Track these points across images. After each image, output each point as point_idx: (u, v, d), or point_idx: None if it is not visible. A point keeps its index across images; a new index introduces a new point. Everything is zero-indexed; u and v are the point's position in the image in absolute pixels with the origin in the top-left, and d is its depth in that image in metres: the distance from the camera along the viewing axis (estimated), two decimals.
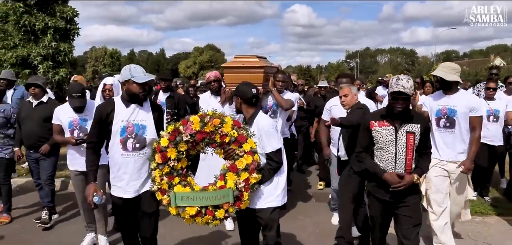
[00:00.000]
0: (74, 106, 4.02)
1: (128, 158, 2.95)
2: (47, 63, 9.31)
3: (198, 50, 68.86)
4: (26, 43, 9.43)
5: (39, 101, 4.73)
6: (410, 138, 3.00)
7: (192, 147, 2.88)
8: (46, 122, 4.65)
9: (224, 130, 2.80)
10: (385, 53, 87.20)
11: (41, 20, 9.25)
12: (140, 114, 2.98)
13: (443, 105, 3.84)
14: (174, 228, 4.53)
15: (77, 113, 4.04)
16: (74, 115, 4.04)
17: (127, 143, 2.93)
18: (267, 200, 2.96)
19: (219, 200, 2.79)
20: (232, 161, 2.83)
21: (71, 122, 4.05)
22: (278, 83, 4.84)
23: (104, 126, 2.95)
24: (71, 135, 4.04)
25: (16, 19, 9.25)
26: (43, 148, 4.66)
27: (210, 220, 2.84)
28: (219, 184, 2.83)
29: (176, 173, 2.86)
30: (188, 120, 2.83)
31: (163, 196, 2.86)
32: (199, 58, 64.86)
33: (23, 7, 9.12)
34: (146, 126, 2.98)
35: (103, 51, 53.69)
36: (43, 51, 9.27)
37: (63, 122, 4.09)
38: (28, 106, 4.82)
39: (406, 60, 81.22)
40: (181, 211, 2.83)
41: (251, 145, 2.82)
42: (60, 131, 4.16)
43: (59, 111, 4.18)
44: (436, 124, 3.89)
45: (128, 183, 2.98)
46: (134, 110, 2.97)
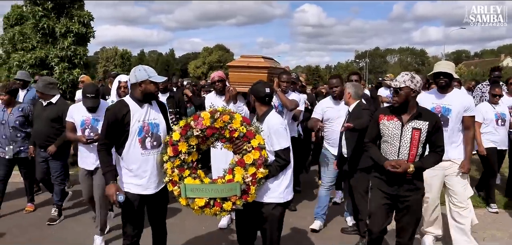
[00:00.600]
0: (87, 106, 4.10)
1: (148, 156, 3.05)
2: (63, 65, 9.73)
3: (207, 50, 69.23)
4: (43, 45, 9.86)
5: (48, 102, 4.84)
6: (416, 134, 3.06)
7: (202, 141, 3.00)
8: (54, 122, 4.78)
9: (233, 126, 2.91)
10: (395, 53, 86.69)
11: (63, 24, 9.68)
12: (152, 113, 3.10)
13: (438, 103, 3.86)
14: (184, 218, 4.78)
15: (90, 112, 4.13)
16: (87, 115, 4.14)
17: (146, 142, 3.03)
18: (270, 196, 3.05)
19: (227, 193, 2.90)
20: (240, 155, 2.93)
21: (84, 121, 4.14)
22: (282, 83, 4.87)
23: (120, 127, 3.01)
24: (82, 134, 4.13)
25: (35, 22, 9.68)
26: (50, 149, 4.75)
27: (218, 212, 2.95)
28: (228, 177, 2.93)
29: (186, 166, 2.97)
30: (199, 116, 2.95)
31: (173, 187, 2.97)
32: (208, 58, 65.23)
33: (41, 11, 9.55)
34: (159, 124, 3.11)
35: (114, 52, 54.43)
36: (60, 53, 9.70)
37: (76, 121, 4.18)
38: (40, 106, 4.94)
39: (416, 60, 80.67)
40: (191, 202, 2.94)
41: (259, 141, 2.92)
42: (72, 129, 4.23)
43: (73, 110, 4.30)
44: None
45: (149, 179, 3.08)
46: (148, 110, 3.08)
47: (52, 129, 4.78)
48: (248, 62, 4.85)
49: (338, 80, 4.67)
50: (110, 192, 2.96)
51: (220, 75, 4.94)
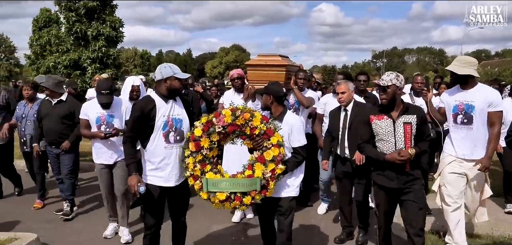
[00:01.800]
0: (101, 102, 4.16)
1: (171, 150, 3.17)
2: (95, 65, 10.45)
3: (224, 50, 69.75)
4: (76, 48, 10.60)
5: (58, 100, 4.93)
6: (408, 128, 3.20)
7: (223, 138, 3.10)
8: (65, 119, 4.88)
9: (254, 124, 3.01)
10: (413, 53, 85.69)
11: (94, 27, 10.43)
12: (176, 109, 3.21)
13: (460, 100, 3.69)
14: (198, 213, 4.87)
15: (104, 109, 4.18)
16: (101, 111, 4.18)
17: (169, 136, 3.15)
18: (288, 190, 3.21)
19: (247, 188, 2.99)
20: (260, 152, 3.02)
21: (99, 117, 4.19)
22: (299, 81, 4.93)
23: (146, 122, 3.12)
24: (98, 130, 4.18)
25: (68, 27, 10.44)
26: (64, 145, 4.83)
27: (238, 205, 3.05)
28: (247, 173, 3.03)
29: (208, 161, 3.06)
30: (221, 113, 3.05)
31: (195, 181, 3.05)
32: (225, 58, 65.70)
33: (75, 16, 10.29)
34: (183, 119, 3.22)
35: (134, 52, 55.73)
36: (91, 55, 10.43)
37: (90, 118, 4.23)
38: (48, 104, 4.98)
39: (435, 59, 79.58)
40: (212, 196, 3.04)
41: (278, 139, 3.01)
42: (87, 126, 4.29)
43: (87, 107, 4.34)
44: (453, 121, 3.75)
45: (171, 172, 3.19)
46: (172, 106, 3.18)
47: (64, 126, 4.88)
48: (266, 60, 5.00)
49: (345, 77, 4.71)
50: (132, 183, 3.09)
51: (239, 72, 5.02)
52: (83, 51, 10.47)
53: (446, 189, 3.76)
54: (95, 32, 10.31)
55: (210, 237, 4.47)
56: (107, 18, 10.68)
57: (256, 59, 5.22)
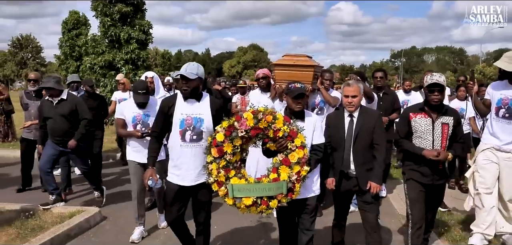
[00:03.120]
0: (138, 101, 4.20)
1: (186, 149, 3.16)
2: (127, 66, 11.36)
3: (242, 50, 70.50)
4: (111, 50, 11.54)
5: (59, 99, 4.92)
6: (445, 128, 3.35)
7: (246, 141, 3.02)
8: (69, 116, 4.90)
9: (277, 126, 2.93)
10: (432, 52, 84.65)
11: (125, 31, 11.36)
12: (198, 108, 3.18)
13: (506, 95, 3.79)
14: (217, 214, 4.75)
15: (140, 108, 4.22)
16: (137, 111, 4.23)
17: (186, 135, 3.14)
18: (313, 189, 3.23)
19: (274, 192, 2.93)
20: (284, 154, 2.96)
21: (135, 117, 4.23)
22: (325, 81, 4.98)
23: (166, 118, 3.19)
24: (134, 129, 4.22)
25: (104, 31, 11.38)
26: (70, 143, 4.86)
27: (264, 209, 2.98)
28: (272, 176, 2.95)
29: (232, 166, 2.98)
30: (242, 117, 2.95)
31: (220, 188, 2.98)
32: (243, 57, 66.37)
33: (110, 21, 11.22)
34: (204, 119, 3.17)
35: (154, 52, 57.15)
36: (124, 56, 11.35)
37: (126, 117, 4.27)
38: (49, 104, 4.97)
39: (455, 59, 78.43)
40: (238, 202, 2.96)
41: (301, 140, 2.95)
42: (123, 125, 4.32)
43: (123, 107, 4.40)
44: (495, 113, 3.85)
45: (186, 171, 3.18)
46: (193, 104, 3.18)
47: (68, 124, 4.90)
48: (294, 60, 4.97)
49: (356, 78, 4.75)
50: (145, 175, 3.23)
51: (265, 72, 5.07)
52: (117, 53, 11.41)
53: (479, 175, 3.89)
54: (126, 36, 11.24)
55: (229, 236, 4.46)
56: (138, 22, 11.59)
57: (283, 59, 5.17)
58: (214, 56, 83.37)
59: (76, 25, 20.13)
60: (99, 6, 11.39)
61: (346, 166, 3.42)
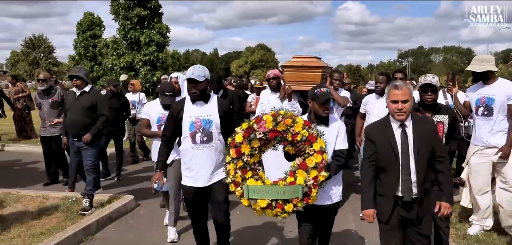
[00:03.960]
0: (164, 103, 4.26)
1: (198, 151, 3.23)
2: (146, 68, 11.96)
3: (249, 50, 70.94)
4: (130, 52, 12.16)
5: (82, 91, 4.92)
6: (440, 126, 3.40)
7: (264, 144, 3.02)
8: (88, 110, 4.88)
9: (296, 129, 2.92)
10: (440, 52, 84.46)
11: (146, 34, 11.97)
12: (206, 110, 3.25)
13: (483, 94, 4.06)
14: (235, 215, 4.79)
15: (165, 110, 4.24)
16: (163, 112, 4.28)
17: (196, 137, 3.22)
18: (335, 196, 3.15)
19: (289, 195, 2.91)
20: (302, 158, 2.93)
21: (160, 117, 4.29)
22: (335, 82, 4.98)
23: (176, 123, 3.25)
24: (158, 129, 4.26)
25: (124, 33, 12.00)
26: (85, 137, 4.83)
27: (279, 213, 2.96)
28: (289, 180, 2.94)
29: (249, 168, 3.01)
30: (262, 119, 2.97)
31: (236, 188, 3.02)
32: (251, 57, 66.78)
33: (130, 24, 11.84)
34: (212, 120, 3.24)
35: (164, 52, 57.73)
36: (143, 58, 11.94)
37: (151, 117, 4.36)
38: (72, 96, 5.00)
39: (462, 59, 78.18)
40: (253, 203, 2.98)
41: (320, 145, 2.90)
42: (147, 125, 4.41)
43: (149, 107, 4.49)
44: (475, 112, 4.12)
45: (198, 172, 3.25)
46: (201, 107, 3.25)
47: (87, 118, 4.90)
48: (303, 62, 5.04)
49: (383, 77, 4.87)
50: (152, 178, 3.31)
51: (275, 73, 5.10)
52: (136, 54, 12.02)
53: (472, 178, 4.18)
54: (147, 39, 11.86)
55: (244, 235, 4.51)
56: (156, 25, 12.21)
57: (292, 61, 5.28)
58: (222, 56, 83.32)
59: (91, 26, 20.86)
60: (120, 11, 12.01)
61: (406, 190, 2.71)
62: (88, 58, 19.94)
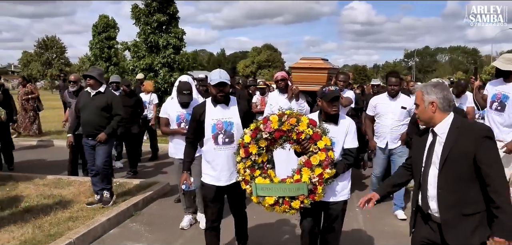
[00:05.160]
0: (182, 101, 4.41)
1: (220, 151, 3.33)
2: (165, 69, 12.85)
3: (256, 50, 71.49)
4: (150, 54, 13.06)
5: (96, 91, 4.97)
6: None
7: (271, 143, 3.13)
8: (103, 111, 4.93)
9: (300, 128, 3.01)
10: (446, 52, 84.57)
11: (164, 38, 12.89)
12: (227, 112, 3.34)
13: (500, 90, 4.26)
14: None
15: (183, 108, 4.45)
16: (181, 110, 4.47)
17: (218, 138, 3.31)
18: (341, 194, 3.22)
19: (295, 192, 3.01)
20: (307, 156, 3.02)
21: (179, 116, 4.48)
22: (339, 82, 5.16)
23: (199, 124, 3.35)
24: (177, 127, 4.46)
25: (145, 37, 12.91)
26: (100, 136, 4.88)
27: (287, 209, 3.07)
28: (296, 177, 3.04)
29: (257, 166, 3.12)
30: (268, 119, 3.08)
31: (246, 186, 3.16)
32: (257, 57, 67.23)
33: (150, 29, 12.74)
34: (233, 122, 3.32)
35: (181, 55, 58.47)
36: (162, 60, 12.85)
37: (170, 116, 4.54)
38: (86, 96, 5.05)
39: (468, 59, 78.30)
40: (262, 200, 3.11)
41: (325, 143, 2.97)
42: (167, 124, 4.60)
43: (167, 106, 4.64)
44: (490, 106, 4.34)
45: (220, 172, 3.36)
46: (222, 109, 3.33)
47: (102, 117, 4.94)
48: (310, 63, 5.22)
49: (397, 80, 4.90)
50: (180, 179, 3.44)
51: (283, 74, 5.24)
52: (155, 57, 12.96)
53: None
54: (165, 42, 12.79)
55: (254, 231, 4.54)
56: (173, 30, 13.13)
57: (300, 63, 5.45)
58: (228, 56, 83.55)
59: (106, 28, 21.74)
60: (141, 16, 12.95)
61: (425, 202, 2.39)
62: (103, 59, 20.79)
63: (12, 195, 5.42)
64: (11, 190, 5.64)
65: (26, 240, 3.96)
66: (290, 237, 4.48)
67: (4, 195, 5.39)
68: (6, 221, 4.41)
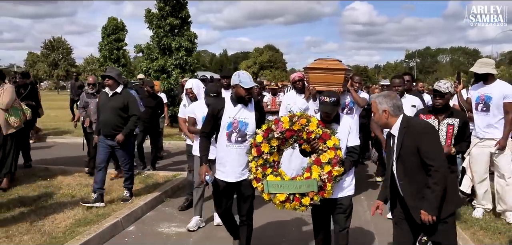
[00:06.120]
0: (209, 103, 4.41)
1: (232, 149, 3.44)
2: (177, 70, 13.55)
3: (258, 50, 71.88)
4: (162, 56, 13.75)
5: (114, 92, 5.04)
6: (450, 128, 3.69)
7: (283, 143, 3.25)
8: (120, 111, 4.99)
9: (310, 128, 3.14)
10: (447, 53, 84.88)
11: (177, 41, 13.58)
12: (244, 113, 3.46)
13: (482, 92, 4.60)
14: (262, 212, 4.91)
15: None
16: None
17: (232, 136, 3.43)
18: (347, 190, 3.35)
19: (305, 189, 3.13)
20: (316, 155, 3.14)
21: (204, 116, 4.23)
22: (355, 84, 5.34)
23: (215, 120, 3.47)
24: None
25: (158, 40, 13.61)
26: (118, 137, 4.94)
27: (297, 206, 3.18)
28: (306, 175, 3.15)
29: (268, 165, 3.25)
30: (280, 120, 3.24)
31: (257, 184, 3.27)
32: (259, 58, 67.41)
33: (163, 32, 13.44)
34: (249, 123, 3.45)
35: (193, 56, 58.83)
36: (174, 62, 13.54)
37: (197, 116, 4.65)
38: (104, 96, 5.14)
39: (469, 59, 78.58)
40: (273, 197, 3.21)
41: (334, 142, 3.11)
42: (194, 123, 4.71)
43: (195, 107, 4.76)
44: (475, 108, 4.66)
45: (230, 169, 3.47)
46: (240, 109, 3.45)
47: (119, 118, 5.01)
48: (327, 64, 5.30)
49: (401, 80, 5.01)
50: (200, 172, 3.48)
51: (300, 75, 5.43)
52: (167, 59, 13.63)
53: (473, 166, 4.76)
54: (177, 45, 13.47)
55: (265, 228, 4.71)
56: (185, 33, 13.81)
57: (316, 63, 5.50)
58: (230, 57, 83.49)
59: (115, 30, 22.41)
60: (154, 20, 13.64)
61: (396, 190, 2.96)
62: (112, 60, 21.46)
63: (55, 184, 6.10)
64: (51, 180, 6.30)
65: (80, 219, 4.62)
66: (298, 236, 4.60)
67: (48, 184, 6.08)
68: (57, 206, 5.06)
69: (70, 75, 46.68)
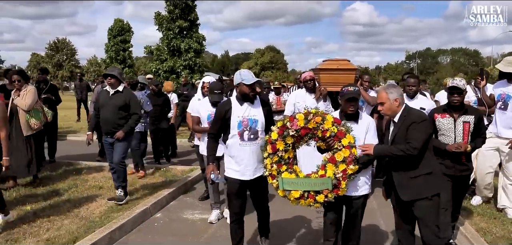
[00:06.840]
0: (213, 101, 4.53)
1: (246, 147, 3.47)
2: (186, 71, 13.99)
3: (259, 51, 72.11)
4: (172, 57, 14.21)
5: (115, 90, 5.04)
6: (466, 126, 3.67)
7: (297, 140, 3.26)
8: (121, 109, 5.01)
9: (325, 127, 3.14)
10: (447, 54, 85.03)
11: (186, 43, 14.05)
12: (252, 110, 3.48)
13: (504, 91, 4.60)
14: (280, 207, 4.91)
15: (214, 107, 4.46)
16: (212, 109, 4.52)
17: (244, 135, 3.45)
18: (362, 189, 3.35)
19: (319, 187, 3.15)
20: (331, 153, 3.16)
21: (210, 115, 4.53)
22: (365, 83, 5.48)
23: (224, 122, 3.48)
24: (209, 125, 4.40)
25: (167, 42, 14.08)
26: (118, 134, 4.98)
27: (312, 203, 3.21)
28: (320, 173, 3.18)
29: (283, 162, 3.26)
30: (295, 117, 3.23)
31: (272, 180, 3.29)
32: (260, 59, 67.57)
33: (172, 34, 13.91)
34: (258, 120, 3.47)
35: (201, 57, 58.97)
36: (183, 63, 14.00)
37: (202, 115, 4.68)
38: (105, 94, 5.12)
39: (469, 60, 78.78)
40: (287, 194, 3.24)
41: (349, 140, 3.11)
42: (198, 122, 4.75)
43: (198, 105, 4.81)
44: (496, 106, 4.69)
45: (245, 167, 3.49)
46: (247, 108, 3.47)
47: (120, 116, 5.03)
48: (338, 64, 5.35)
49: (415, 80, 5.05)
50: (207, 171, 3.59)
51: (311, 75, 5.41)
52: (177, 60, 14.09)
53: (479, 158, 4.82)
54: (187, 46, 13.94)
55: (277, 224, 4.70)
56: (194, 35, 14.28)
57: (327, 63, 5.56)
58: (231, 57, 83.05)
59: (121, 32, 22.86)
60: (164, 22, 14.10)
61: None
62: (118, 61, 21.94)
63: (82, 177, 6.56)
64: (78, 173, 6.76)
65: (111, 206, 5.12)
66: (307, 231, 4.68)
67: (75, 177, 6.53)
68: (88, 196, 5.49)
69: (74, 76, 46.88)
